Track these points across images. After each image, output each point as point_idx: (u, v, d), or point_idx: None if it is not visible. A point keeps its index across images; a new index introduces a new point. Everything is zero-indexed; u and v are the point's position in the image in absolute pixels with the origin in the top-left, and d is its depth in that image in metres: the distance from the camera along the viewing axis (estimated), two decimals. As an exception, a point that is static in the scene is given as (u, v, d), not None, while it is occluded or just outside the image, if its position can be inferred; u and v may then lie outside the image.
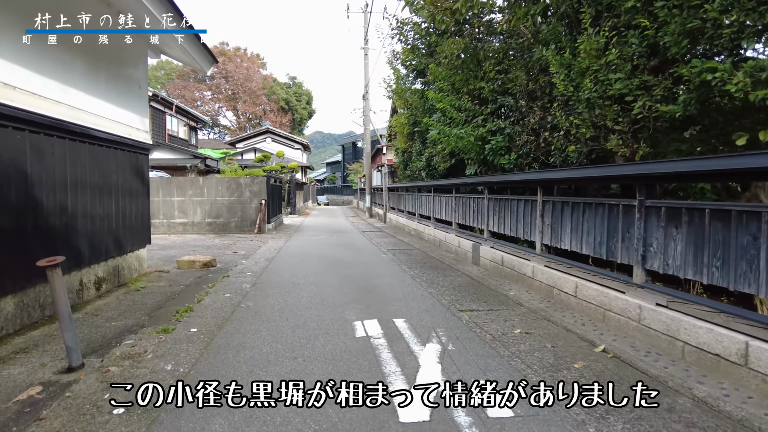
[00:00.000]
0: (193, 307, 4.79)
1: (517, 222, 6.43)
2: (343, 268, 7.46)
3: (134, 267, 6.41)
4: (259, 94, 51.39)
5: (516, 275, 6.25)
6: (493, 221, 7.27)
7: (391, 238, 12.74)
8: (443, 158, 9.93)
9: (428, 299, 5.45)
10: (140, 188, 6.55)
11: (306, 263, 7.94)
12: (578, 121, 4.72)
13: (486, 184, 7.40)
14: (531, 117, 6.11)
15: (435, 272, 7.24)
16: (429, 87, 10.87)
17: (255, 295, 5.45)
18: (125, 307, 4.84)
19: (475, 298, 5.57)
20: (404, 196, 14.91)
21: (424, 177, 11.78)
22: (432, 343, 3.84)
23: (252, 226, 13.51)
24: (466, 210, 8.53)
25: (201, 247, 10.05)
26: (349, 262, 8.11)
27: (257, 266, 7.53)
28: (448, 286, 6.21)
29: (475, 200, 8.03)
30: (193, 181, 13.54)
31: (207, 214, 13.53)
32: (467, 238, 8.28)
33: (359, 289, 5.92)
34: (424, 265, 7.99)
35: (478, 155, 7.56)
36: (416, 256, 9.00)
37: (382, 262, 8.22)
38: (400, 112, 14.11)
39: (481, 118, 7.48)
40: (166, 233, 13.31)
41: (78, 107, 4.84)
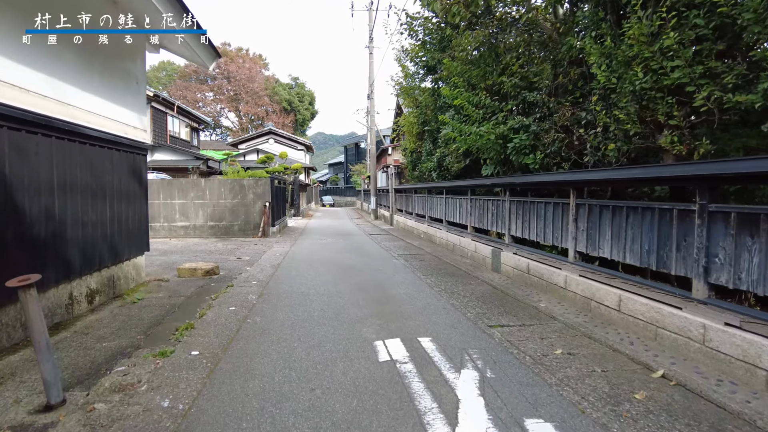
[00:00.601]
0: (195, 324, 4.32)
1: (545, 227, 5.94)
2: (354, 276, 6.98)
3: (131, 276, 5.94)
4: (262, 94, 51.02)
5: (545, 285, 5.76)
6: (515, 225, 6.78)
7: (399, 241, 12.26)
8: (457, 158, 9.45)
9: (452, 312, 4.96)
10: (138, 191, 6.09)
11: (314, 270, 7.46)
12: (623, 115, 4.23)
13: (508, 186, 6.91)
14: (562, 112, 5.63)
15: (453, 280, 6.75)
16: (441, 84, 10.39)
17: (262, 309, 4.98)
18: (119, 324, 4.37)
19: (503, 311, 5.09)
20: (412, 198, 14.43)
21: (434, 178, 11.30)
22: (468, 369, 3.36)
23: (256, 230, 13.05)
24: (484, 213, 8.04)
25: (203, 253, 9.59)
26: (359, 269, 7.63)
27: (263, 274, 7.06)
28: (471, 297, 5.73)
29: (495, 203, 7.54)
30: (195, 183, 13.09)
31: (209, 217, 13.08)
32: (485, 243, 7.80)
33: (375, 300, 5.44)
34: (440, 271, 7.50)
35: (498, 155, 7.08)
36: (430, 262, 8.52)
37: (395, 269, 7.74)
38: (408, 111, 13.64)
39: (502, 115, 6.99)
40: (167, 237, 12.86)
41: (68, 103, 4.38)
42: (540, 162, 6.26)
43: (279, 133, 38.11)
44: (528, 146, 6.36)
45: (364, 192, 34.22)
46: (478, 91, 7.79)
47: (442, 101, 10.18)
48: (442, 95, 10.10)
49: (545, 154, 6.12)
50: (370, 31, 21.94)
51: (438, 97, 10.52)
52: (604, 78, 4.31)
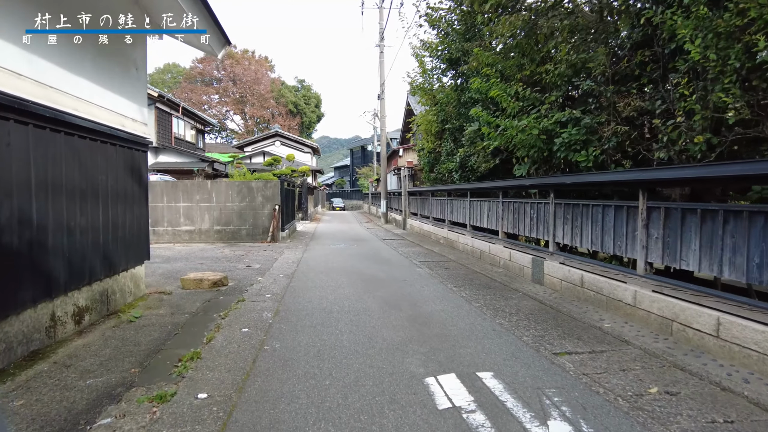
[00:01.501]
0: (201, 352, 3.56)
1: (602, 234, 5.16)
2: (378, 288, 6.21)
3: (128, 289, 5.21)
4: (268, 97, 50.52)
5: (604, 300, 4.97)
6: (562, 232, 6.00)
7: (417, 247, 11.49)
8: (484, 158, 8.68)
9: (504, 336, 4.18)
10: (137, 192, 5.37)
11: (333, 281, 6.70)
12: (729, 98, 3.45)
13: (552, 187, 6.13)
14: (626, 102, 4.85)
15: (491, 293, 5.97)
16: (465, 78, 9.64)
17: (281, 330, 4.22)
18: (111, 351, 3.62)
19: (562, 332, 4.31)
20: (429, 201, 13.65)
21: (456, 179, 10.53)
22: (555, 420, 2.58)
23: (265, 234, 12.33)
24: (520, 217, 7.25)
25: (209, 259, 8.86)
26: (382, 279, 6.86)
27: (277, 285, 6.31)
28: (518, 314, 4.96)
29: (534, 206, 6.76)
30: (201, 185, 12.40)
31: (215, 221, 12.37)
32: (522, 251, 7.01)
33: (409, 319, 4.67)
34: (472, 282, 6.72)
35: (539, 152, 6.30)
36: (457, 271, 7.74)
37: (421, 279, 6.97)
38: (425, 110, 12.90)
39: (544, 107, 6.22)
40: (171, 242, 12.16)
41: (51, 85, 3.66)
42: (593, 159, 5.48)
43: (285, 135, 37.52)
44: (579, 142, 5.58)
45: (372, 195, 33.48)
46: (513, 83, 7.03)
47: (467, 96, 9.43)
48: (467, 89, 9.36)
49: (602, 150, 5.33)
50: (380, 29, 21.27)
51: (462, 92, 9.77)
52: (699, 54, 3.55)
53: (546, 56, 6.78)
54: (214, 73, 49.99)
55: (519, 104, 6.51)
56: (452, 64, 10.05)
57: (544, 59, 6.72)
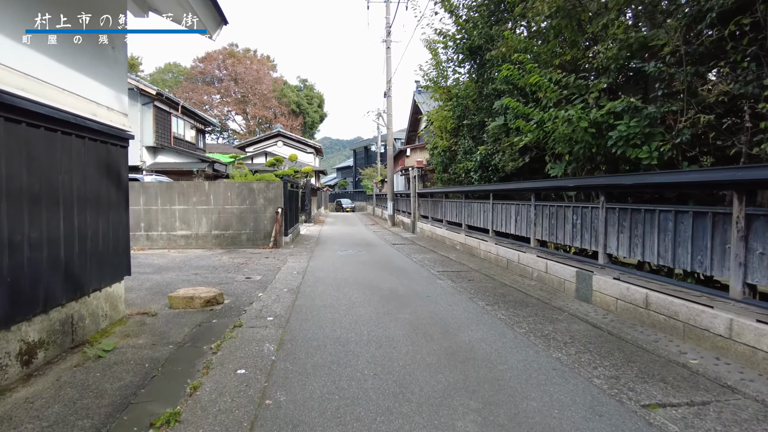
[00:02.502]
0: (182, 411, 2.66)
1: (675, 245, 4.24)
2: (399, 307, 5.31)
3: (102, 313, 4.32)
4: (270, 97, 49.75)
5: (680, 328, 4.06)
6: (616, 241, 5.08)
7: (431, 253, 10.59)
8: (511, 156, 7.78)
9: (571, 378, 3.28)
10: (114, 196, 4.48)
11: (345, 297, 5.80)
12: None
13: (604, 188, 5.22)
14: (716, 83, 3.96)
15: (532, 314, 5.07)
16: (488, 68, 8.74)
17: (286, 373, 3.32)
18: (61, 409, 2.73)
19: (638, 371, 3.41)
20: (442, 203, 12.75)
21: (475, 180, 9.63)
22: None
23: (266, 240, 11.44)
24: (558, 223, 6.34)
25: (205, 269, 7.97)
26: (402, 296, 5.96)
27: (280, 304, 5.41)
28: (573, 342, 4.07)
29: (578, 211, 5.85)
30: (198, 187, 11.52)
31: (214, 225, 11.49)
32: (563, 263, 6.10)
33: (446, 353, 3.77)
34: (506, 299, 5.82)
35: (586, 148, 5.40)
36: (484, 284, 6.83)
37: (446, 294, 6.06)
38: (438, 105, 12.00)
39: (593, 96, 5.32)
40: (166, 248, 11.30)
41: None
42: (658, 156, 4.57)
43: (288, 135, 36.72)
44: (640, 135, 4.67)
45: (377, 196, 32.59)
46: (550, 69, 6.14)
47: (490, 88, 8.53)
48: (490, 80, 8.47)
49: (673, 145, 4.42)
50: (387, 24, 20.40)
51: (484, 84, 8.87)
52: None
53: (590, 38, 5.87)
54: (216, 72, 49.27)
55: (563, 93, 5.60)
56: (472, 53, 9.14)
57: (588, 42, 5.82)
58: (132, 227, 11.41)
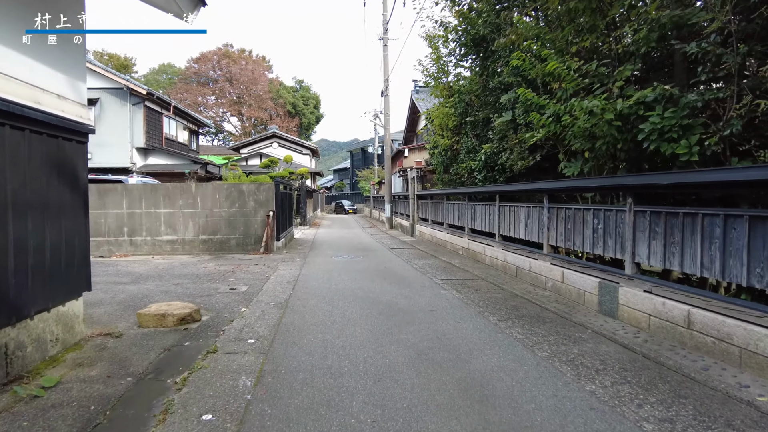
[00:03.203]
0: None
1: (724, 255, 3.63)
2: (401, 325, 4.67)
3: (52, 337, 3.66)
4: (265, 98, 49.07)
5: (735, 354, 3.43)
6: (646, 249, 4.47)
7: (432, 258, 9.96)
8: (520, 154, 7.16)
9: (615, 421, 2.65)
10: (68, 199, 3.83)
11: (340, 313, 5.16)
12: None
13: (632, 189, 4.61)
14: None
15: (551, 332, 4.45)
16: (494, 60, 8.13)
17: (262, 418, 2.66)
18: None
19: (695, 411, 2.81)
20: (443, 206, 12.12)
21: (479, 180, 9.01)
22: None
23: (257, 244, 10.78)
24: (576, 228, 5.72)
25: (188, 278, 7.31)
26: (403, 310, 5.32)
27: (264, 322, 4.75)
28: (605, 370, 3.45)
29: (599, 214, 5.23)
30: (184, 189, 10.85)
31: (201, 230, 10.83)
32: (582, 272, 5.47)
33: (460, 388, 3.12)
34: (519, 313, 5.20)
35: (611, 143, 4.79)
36: (492, 294, 6.21)
37: (452, 307, 5.43)
38: (439, 102, 11.39)
39: (618, 84, 4.71)
40: (150, 254, 10.62)
41: None
42: (699, 151, 3.95)
43: (283, 136, 36.07)
44: (677, 128, 4.06)
45: (374, 198, 31.95)
46: (566, 57, 5.53)
47: (496, 81, 7.92)
48: (496, 74, 7.86)
49: (720, 138, 3.81)
50: (384, 20, 19.81)
51: (489, 78, 8.26)
52: None
53: (611, 23, 5.27)
54: (210, 73, 48.58)
55: (583, 82, 4.98)
56: (476, 45, 8.53)
57: (608, 27, 5.21)
58: (114, 232, 10.75)
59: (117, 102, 20.07)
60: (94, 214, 10.70)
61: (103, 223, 10.68)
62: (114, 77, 19.93)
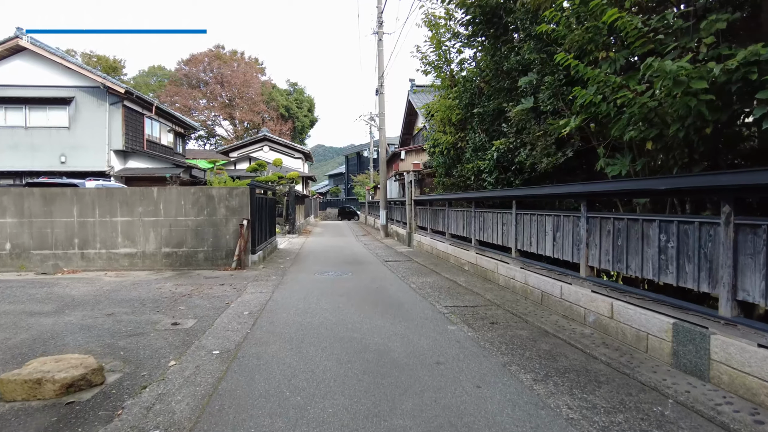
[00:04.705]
0: None
1: None
2: (396, 398, 3.16)
3: None
4: (258, 101, 47.62)
5: None
6: (760, 281, 2.99)
7: (433, 275, 8.47)
8: (545, 149, 5.71)
9: None
10: None
11: (307, 371, 3.64)
12: None
13: (730, 193, 3.14)
14: None
15: (612, 401, 2.97)
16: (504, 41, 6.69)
17: None
18: None
19: None
20: (445, 213, 10.64)
21: (489, 183, 7.55)
22: None
23: (229, 258, 9.26)
24: (631, 245, 4.23)
25: (129, 305, 5.77)
26: (400, 364, 3.80)
27: (190, 392, 3.22)
28: None
29: (670, 227, 3.75)
30: (145, 194, 9.33)
31: (164, 242, 9.30)
32: (643, 307, 3.99)
33: None
34: (557, 364, 3.72)
35: (697, 126, 3.33)
36: (516, 331, 4.72)
37: (466, 357, 3.94)
38: (440, 94, 9.95)
39: (708, 40, 3.27)
40: (104, 270, 9.08)
41: None
42: None
43: (274, 139, 34.58)
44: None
45: (369, 204, 30.46)
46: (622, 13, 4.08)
47: (513, 61, 6.47)
48: (513, 51, 6.42)
49: None
50: (379, 11, 18.45)
51: (504, 58, 6.81)
52: None
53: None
54: (201, 75, 47.14)
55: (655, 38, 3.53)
56: (488, 21, 7.06)
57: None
58: (63, 244, 9.20)
59: (93, 101, 18.58)
60: (38, 224, 9.17)
61: (50, 234, 9.15)
62: (90, 75, 18.45)
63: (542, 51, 5.59)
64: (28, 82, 17.91)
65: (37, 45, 17.45)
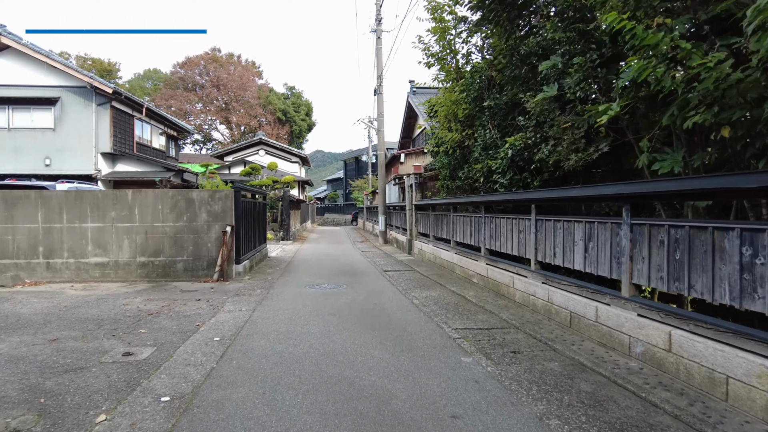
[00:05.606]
0: None
1: None
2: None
3: None
4: (255, 104, 46.82)
5: None
6: None
7: (437, 288, 7.57)
8: (573, 143, 4.84)
9: None
10: None
11: (281, 427, 2.74)
12: None
13: None
14: None
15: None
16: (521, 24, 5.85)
17: None
18: None
19: None
20: (449, 219, 9.75)
21: (502, 184, 6.68)
22: None
23: (211, 269, 8.34)
24: (694, 261, 3.34)
25: (84, 325, 4.85)
26: (403, 418, 2.90)
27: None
28: None
29: (757, 238, 2.87)
30: (119, 198, 8.43)
31: (140, 250, 8.38)
32: (718, 341, 3.10)
33: None
34: (608, 418, 2.82)
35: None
36: (545, 364, 3.82)
37: (489, 407, 3.03)
38: (445, 88, 9.10)
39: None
40: (71, 281, 8.16)
41: None
42: None
43: (270, 143, 33.76)
44: None
45: (368, 209, 29.56)
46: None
47: (532, 44, 5.62)
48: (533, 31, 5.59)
49: None
50: (377, 9, 17.68)
51: (521, 41, 5.95)
52: None
53: None
54: (197, 78, 46.37)
55: None
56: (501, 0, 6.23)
57: None
58: (26, 253, 8.27)
59: (80, 102, 17.72)
60: (-3, 230, 8.28)
61: (11, 241, 8.22)
62: (76, 74, 17.58)
63: (569, 29, 4.74)
64: (11, 82, 17.06)
65: (21, 43, 16.62)
